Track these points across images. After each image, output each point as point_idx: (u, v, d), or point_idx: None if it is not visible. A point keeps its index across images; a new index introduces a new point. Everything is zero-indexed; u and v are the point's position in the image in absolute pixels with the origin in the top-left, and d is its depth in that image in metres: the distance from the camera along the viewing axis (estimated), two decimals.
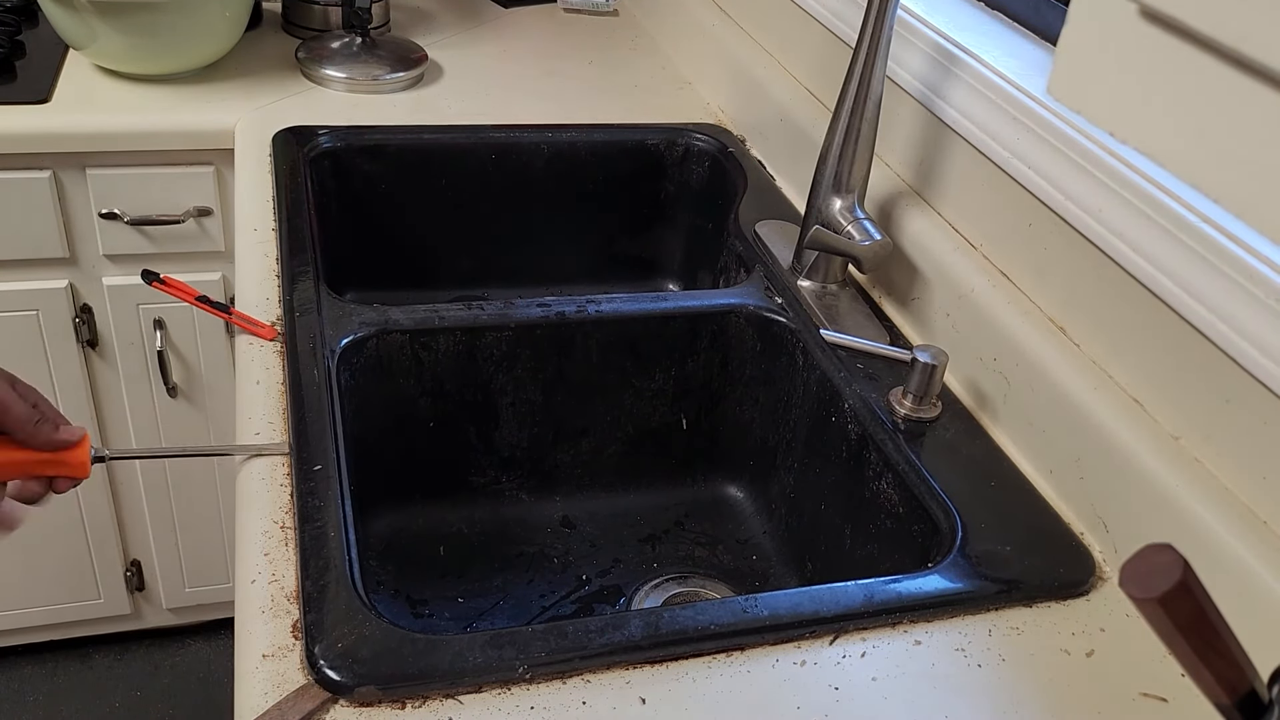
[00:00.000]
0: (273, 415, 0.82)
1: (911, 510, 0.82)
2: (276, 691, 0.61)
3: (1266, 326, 0.66)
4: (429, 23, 1.61)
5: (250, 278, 0.99)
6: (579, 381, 1.01)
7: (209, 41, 1.33)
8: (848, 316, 0.99)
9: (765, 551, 1.01)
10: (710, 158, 1.29)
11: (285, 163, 1.14)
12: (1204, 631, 0.42)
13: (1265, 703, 0.45)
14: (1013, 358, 0.86)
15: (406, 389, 0.96)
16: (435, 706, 0.61)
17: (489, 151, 1.25)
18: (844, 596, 0.70)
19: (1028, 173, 0.86)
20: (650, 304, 1.00)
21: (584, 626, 0.65)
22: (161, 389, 1.41)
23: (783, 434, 1.01)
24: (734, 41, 1.37)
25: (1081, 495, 0.80)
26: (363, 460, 0.93)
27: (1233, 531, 0.68)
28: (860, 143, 0.95)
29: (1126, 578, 0.41)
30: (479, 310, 0.96)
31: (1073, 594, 0.74)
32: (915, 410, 0.86)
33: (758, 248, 1.09)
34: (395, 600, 0.92)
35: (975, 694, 0.66)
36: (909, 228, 0.99)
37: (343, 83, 1.34)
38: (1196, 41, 0.34)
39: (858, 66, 0.92)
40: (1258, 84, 0.33)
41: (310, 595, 0.65)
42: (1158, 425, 0.76)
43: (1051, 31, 0.98)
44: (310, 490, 0.73)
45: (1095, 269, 0.81)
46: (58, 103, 1.25)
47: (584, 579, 0.97)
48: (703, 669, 0.65)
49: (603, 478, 1.06)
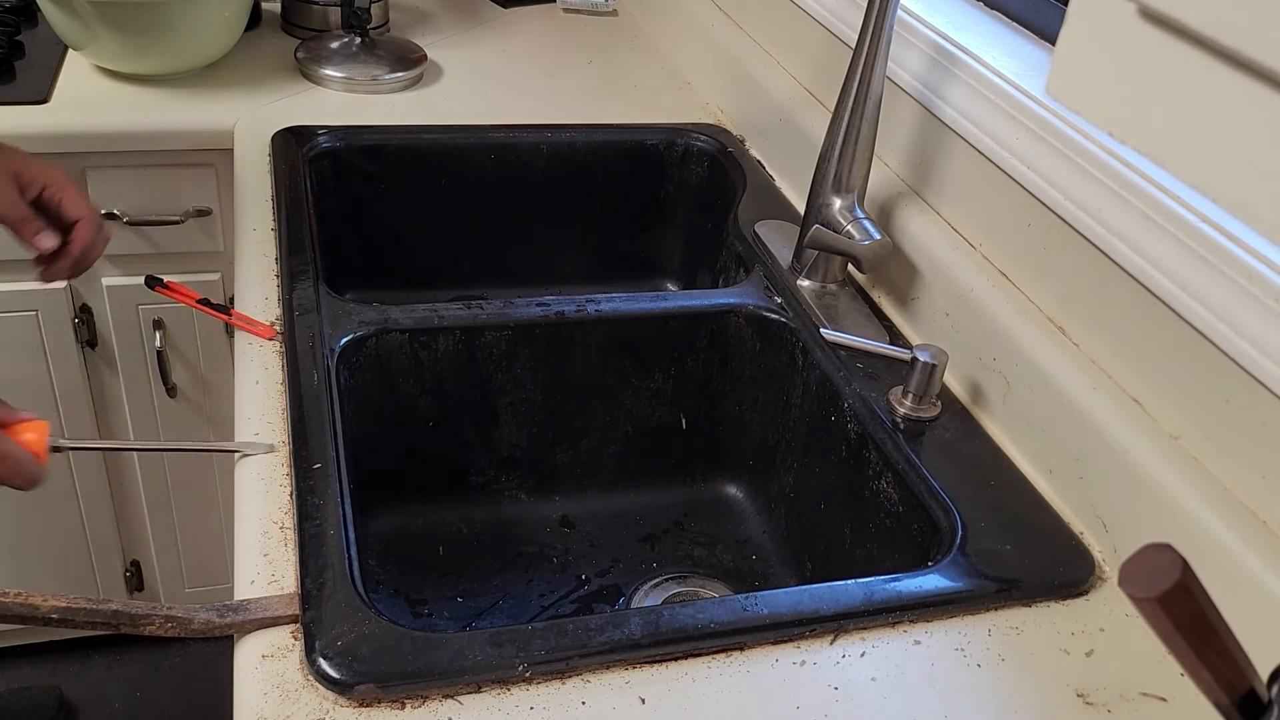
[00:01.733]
0: (272, 415, 0.82)
1: (911, 509, 0.82)
2: (276, 692, 0.61)
3: (1266, 326, 0.66)
4: (428, 23, 1.61)
5: (250, 278, 0.99)
6: (578, 381, 1.01)
7: (208, 42, 1.32)
8: (847, 316, 0.99)
9: (765, 551, 1.01)
10: (710, 158, 1.29)
11: (285, 163, 1.14)
12: (1203, 631, 0.42)
13: (1264, 702, 0.45)
14: (1012, 358, 0.86)
15: (406, 388, 0.96)
16: (435, 706, 0.61)
17: (488, 151, 1.25)
18: (844, 595, 0.70)
19: (1027, 173, 0.86)
20: (650, 303, 1.00)
21: (584, 625, 0.65)
22: (161, 389, 1.40)
23: (782, 433, 1.01)
24: (734, 42, 1.37)
25: (1081, 495, 0.80)
26: (362, 459, 0.93)
27: (1232, 531, 0.68)
28: (860, 142, 0.95)
29: (1126, 577, 0.41)
30: (478, 310, 0.96)
31: (1072, 594, 0.74)
32: (915, 410, 0.86)
33: (757, 247, 1.09)
34: (394, 600, 0.92)
35: (975, 694, 0.66)
36: (908, 227, 0.99)
37: (342, 83, 1.34)
38: (1196, 42, 0.34)
39: (858, 66, 0.92)
40: (1257, 84, 0.33)
41: (310, 593, 0.65)
42: (1157, 425, 0.76)
43: (1051, 31, 0.98)
44: (310, 489, 0.73)
45: (1095, 269, 0.81)
46: (57, 103, 1.25)
47: (583, 579, 0.97)
48: (702, 669, 0.65)
49: (602, 477, 1.06)
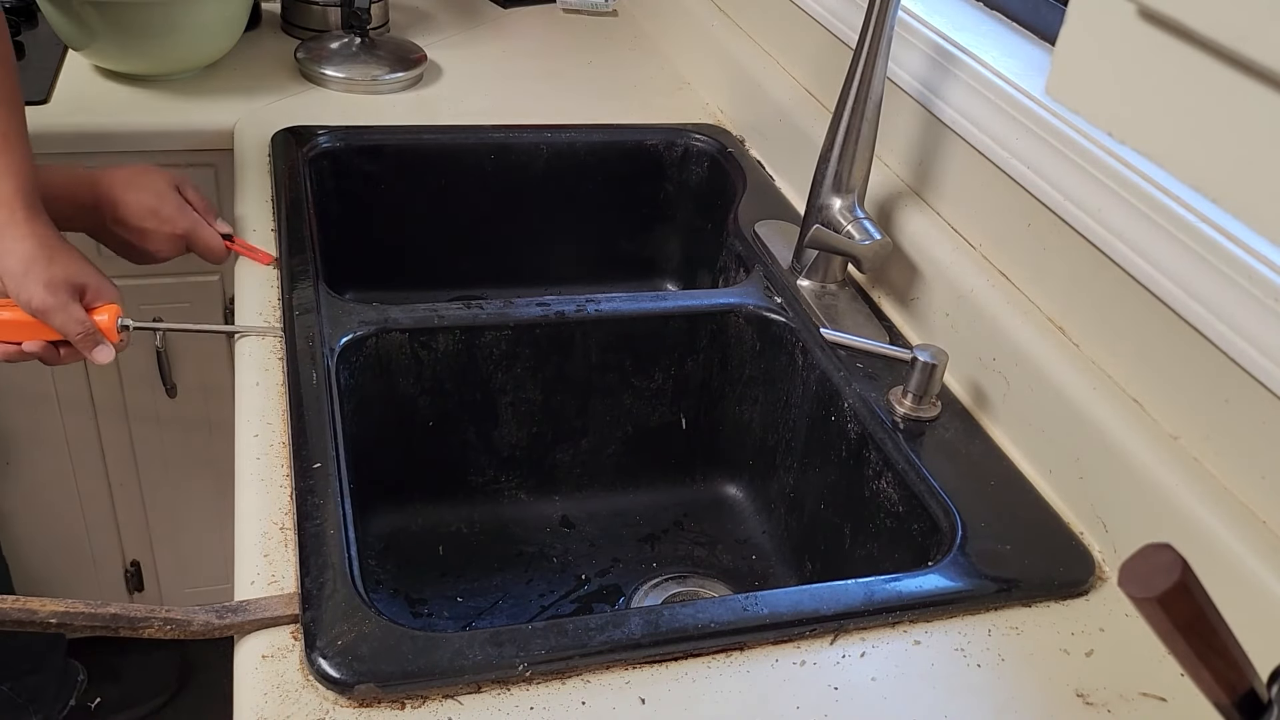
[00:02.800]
0: (272, 415, 0.82)
1: (911, 509, 0.82)
2: (276, 692, 0.61)
3: (1266, 326, 0.66)
4: (428, 23, 1.61)
5: (250, 277, 0.99)
6: (578, 381, 1.01)
7: (208, 42, 1.32)
8: (847, 316, 0.99)
9: (764, 551, 1.01)
10: (709, 158, 1.29)
11: (284, 163, 1.14)
12: (1203, 631, 0.42)
13: (1264, 702, 0.45)
14: (1012, 358, 0.86)
15: (406, 388, 0.96)
16: (435, 707, 0.61)
17: (488, 152, 1.25)
18: (844, 594, 0.70)
19: (1027, 173, 0.86)
20: (650, 303, 1.00)
21: (584, 624, 0.65)
22: (161, 389, 1.40)
23: (782, 433, 1.01)
24: (733, 42, 1.37)
25: (1081, 495, 0.80)
26: (362, 459, 0.93)
27: (1232, 531, 0.68)
28: (861, 142, 0.95)
29: (1126, 577, 0.41)
30: (478, 309, 0.96)
31: (1072, 594, 0.74)
32: (915, 410, 0.86)
33: (757, 247, 1.09)
34: (394, 599, 0.92)
35: (975, 694, 0.66)
36: (908, 228, 1.00)
37: (342, 83, 1.34)
38: (1195, 42, 0.34)
39: (858, 66, 0.92)
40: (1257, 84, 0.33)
41: (310, 593, 0.65)
42: (1157, 425, 0.76)
43: (1050, 31, 0.98)
44: (310, 488, 0.73)
45: (1095, 269, 0.81)
46: (57, 103, 1.25)
47: (583, 578, 0.97)
48: (702, 669, 0.65)
49: (602, 477, 1.06)
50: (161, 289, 1.33)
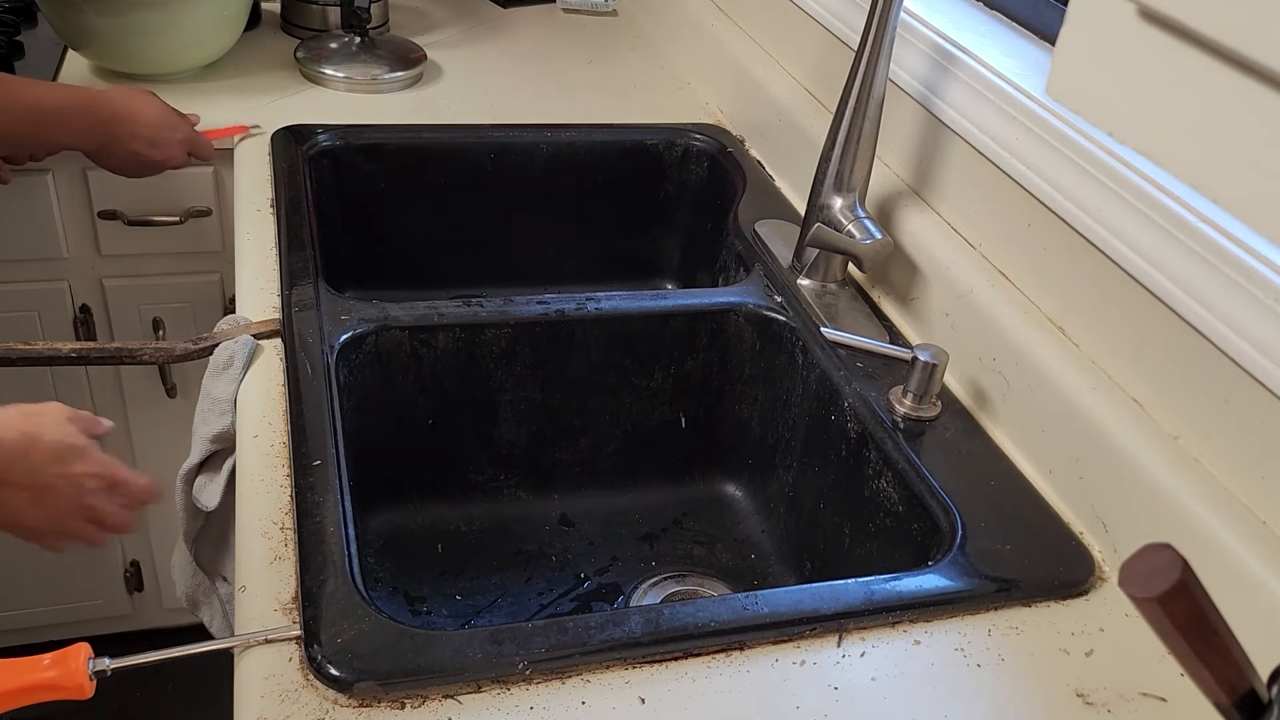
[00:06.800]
0: (272, 414, 0.82)
1: (911, 509, 0.82)
2: (276, 691, 0.61)
3: (1266, 327, 0.66)
4: (428, 23, 1.61)
5: (250, 275, 0.99)
6: (578, 379, 1.01)
7: (208, 41, 1.32)
8: (847, 315, 0.99)
9: (764, 550, 1.01)
10: (709, 158, 1.29)
11: (284, 162, 1.14)
12: (1203, 631, 0.42)
13: (1264, 702, 0.45)
14: (1012, 357, 0.86)
15: (405, 386, 0.96)
16: (435, 706, 0.61)
17: (488, 151, 1.25)
18: (844, 594, 0.70)
19: (1027, 173, 0.86)
20: (650, 302, 1.00)
21: (584, 623, 0.65)
22: (161, 389, 1.40)
23: (782, 432, 1.01)
24: (733, 42, 1.37)
25: (1081, 495, 0.80)
26: (361, 457, 0.93)
27: (1232, 531, 0.68)
28: (862, 142, 0.95)
29: (1126, 577, 0.41)
30: (478, 307, 0.96)
31: (1072, 594, 0.74)
32: (915, 409, 0.86)
33: (757, 247, 1.09)
34: (393, 598, 0.92)
35: (974, 694, 0.66)
36: (908, 227, 1.00)
37: (341, 82, 1.34)
38: (1195, 42, 0.34)
39: (860, 65, 0.92)
40: (1257, 84, 0.33)
41: (309, 590, 0.65)
42: (1157, 425, 0.76)
43: (1051, 31, 0.98)
44: (309, 486, 0.73)
45: (1094, 269, 0.81)
46: None
47: (582, 577, 0.97)
48: (702, 669, 0.65)
49: (601, 476, 1.06)
50: (161, 289, 1.33)
